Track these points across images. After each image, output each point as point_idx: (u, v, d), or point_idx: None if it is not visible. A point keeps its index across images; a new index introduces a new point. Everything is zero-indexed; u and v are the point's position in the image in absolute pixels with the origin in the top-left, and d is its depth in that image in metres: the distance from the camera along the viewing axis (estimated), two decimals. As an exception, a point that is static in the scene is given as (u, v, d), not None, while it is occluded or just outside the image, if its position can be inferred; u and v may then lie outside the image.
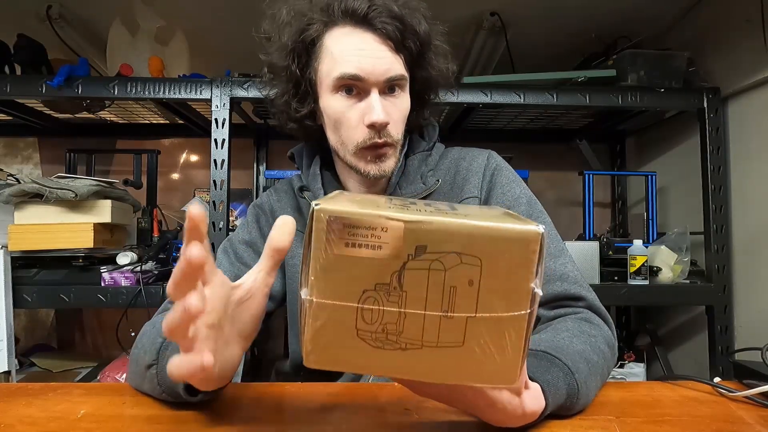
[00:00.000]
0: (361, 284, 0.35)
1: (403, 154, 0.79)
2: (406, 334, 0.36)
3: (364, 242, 0.34)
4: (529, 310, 0.35)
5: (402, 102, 0.73)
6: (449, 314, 0.35)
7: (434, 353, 0.36)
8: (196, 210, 0.36)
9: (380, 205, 0.36)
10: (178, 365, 0.38)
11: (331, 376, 0.71)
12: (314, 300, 0.35)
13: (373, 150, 0.71)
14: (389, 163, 0.74)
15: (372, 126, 0.69)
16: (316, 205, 0.35)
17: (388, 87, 0.71)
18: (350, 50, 0.69)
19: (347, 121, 0.71)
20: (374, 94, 0.69)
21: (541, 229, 0.35)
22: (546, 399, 0.48)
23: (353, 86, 0.70)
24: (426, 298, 0.35)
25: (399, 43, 0.70)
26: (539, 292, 0.35)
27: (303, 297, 0.36)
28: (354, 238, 0.34)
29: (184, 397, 0.52)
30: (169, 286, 0.37)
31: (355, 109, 0.70)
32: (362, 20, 0.69)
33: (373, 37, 0.69)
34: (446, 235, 0.34)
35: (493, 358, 0.36)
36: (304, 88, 0.74)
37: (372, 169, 0.73)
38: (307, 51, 0.71)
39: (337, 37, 0.70)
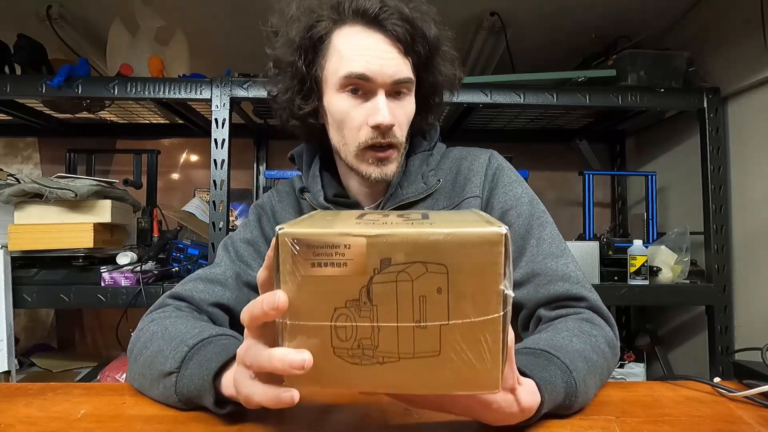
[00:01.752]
0: (332, 302, 0.35)
1: (403, 155, 0.79)
2: (382, 348, 0.36)
3: (329, 261, 0.35)
4: (502, 313, 0.35)
5: (407, 105, 0.73)
6: (422, 324, 0.35)
7: (412, 364, 0.36)
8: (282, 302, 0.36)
9: (347, 223, 0.37)
10: (263, 395, 0.40)
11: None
12: (288, 322, 0.36)
13: (376, 151, 0.71)
14: (391, 167, 0.73)
15: (377, 127, 0.69)
16: (279, 229, 0.35)
17: (395, 90, 0.70)
18: (359, 50, 0.68)
19: (351, 120, 0.70)
20: (380, 96, 0.69)
21: (504, 230, 0.34)
22: (542, 395, 0.48)
23: (359, 86, 0.69)
24: (397, 310, 0.35)
25: (408, 46, 0.69)
26: (510, 293, 0.35)
27: (277, 320, 0.37)
28: (319, 257, 0.35)
29: (212, 410, 0.52)
30: (246, 317, 0.40)
31: (360, 109, 0.70)
32: (373, 21, 0.68)
33: (383, 38, 0.68)
34: (408, 245, 0.34)
35: (471, 365, 0.36)
36: (309, 85, 0.73)
37: (374, 172, 0.72)
38: (314, 48, 0.71)
39: (346, 36, 0.69)
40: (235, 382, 0.45)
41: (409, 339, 0.35)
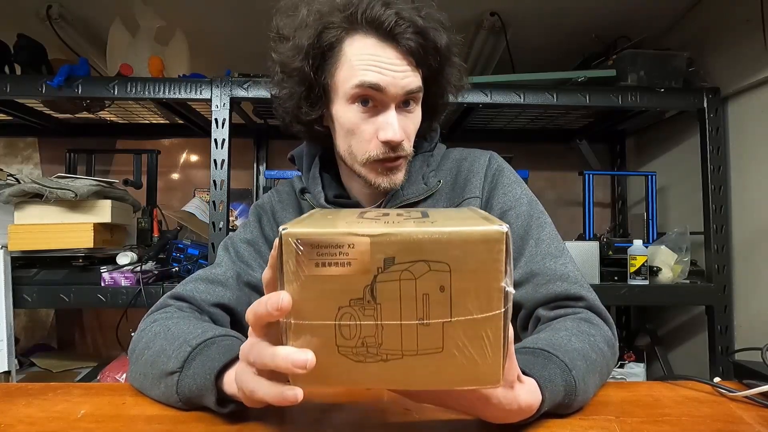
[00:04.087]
0: (336, 301, 0.36)
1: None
2: (386, 346, 0.36)
3: (333, 260, 0.35)
4: (503, 309, 0.36)
5: (415, 116, 0.73)
6: (425, 321, 0.36)
7: (415, 361, 0.36)
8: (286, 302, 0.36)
9: (349, 222, 0.37)
10: (267, 391, 0.40)
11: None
12: (292, 322, 0.36)
13: (386, 163, 0.71)
14: (400, 176, 0.74)
15: (387, 143, 0.69)
16: (283, 229, 0.35)
17: (404, 100, 0.70)
18: (371, 61, 0.67)
19: (361, 133, 0.70)
20: (392, 111, 0.69)
21: (504, 228, 0.35)
22: (543, 393, 0.48)
23: (371, 97, 0.68)
24: (400, 308, 0.36)
25: (420, 59, 0.69)
26: (511, 290, 0.36)
27: (281, 319, 0.37)
28: (323, 257, 0.35)
29: (214, 409, 0.52)
30: (251, 317, 0.40)
31: (370, 123, 0.70)
32: (387, 33, 0.67)
33: (395, 52, 0.68)
34: (411, 244, 0.35)
35: (473, 360, 0.36)
36: (317, 92, 0.72)
37: (383, 181, 0.72)
38: (323, 55, 0.69)
39: (359, 46, 0.68)
40: (237, 377, 0.45)
41: (413, 336, 0.36)
